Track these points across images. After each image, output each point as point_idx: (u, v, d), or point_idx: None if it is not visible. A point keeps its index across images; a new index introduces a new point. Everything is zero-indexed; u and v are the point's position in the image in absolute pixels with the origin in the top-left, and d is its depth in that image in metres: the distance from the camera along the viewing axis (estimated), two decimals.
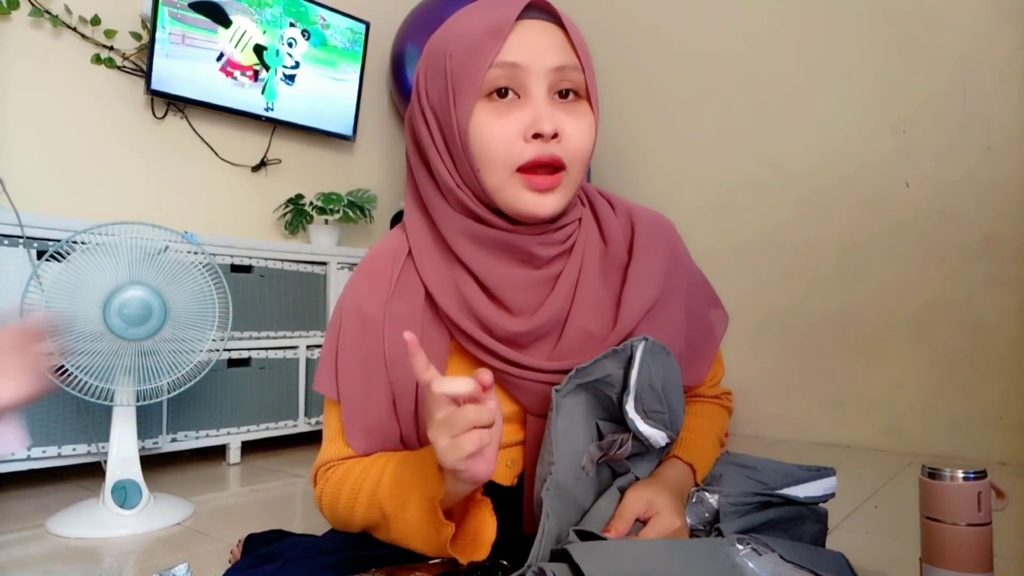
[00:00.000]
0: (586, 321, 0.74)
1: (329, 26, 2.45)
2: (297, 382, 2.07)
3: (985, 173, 1.95)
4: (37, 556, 1.22)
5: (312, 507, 1.57)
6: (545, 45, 0.68)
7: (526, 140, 0.67)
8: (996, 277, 1.92)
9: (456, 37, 0.69)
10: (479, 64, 0.66)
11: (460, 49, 0.68)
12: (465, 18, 0.70)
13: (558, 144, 0.68)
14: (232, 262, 1.92)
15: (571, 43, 0.70)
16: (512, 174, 0.68)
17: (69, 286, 1.32)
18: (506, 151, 0.67)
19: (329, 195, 2.36)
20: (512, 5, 0.68)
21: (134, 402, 1.41)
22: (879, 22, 2.13)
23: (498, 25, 0.67)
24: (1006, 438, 1.87)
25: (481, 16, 0.69)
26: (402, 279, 0.76)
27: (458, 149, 0.69)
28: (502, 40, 0.66)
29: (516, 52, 0.67)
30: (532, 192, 0.68)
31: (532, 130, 0.66)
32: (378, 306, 0.75)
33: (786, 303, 2.26)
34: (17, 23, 1.88)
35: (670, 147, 2.56)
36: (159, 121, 2.17)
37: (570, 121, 0.69)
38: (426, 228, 0.76)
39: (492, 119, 0.67)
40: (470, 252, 0.72)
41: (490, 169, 0.68)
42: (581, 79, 0.70)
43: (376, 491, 0.72)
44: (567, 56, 0.69)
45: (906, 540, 0.87)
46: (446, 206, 0.73)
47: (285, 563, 0.74)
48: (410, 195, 0.78)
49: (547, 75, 0.68)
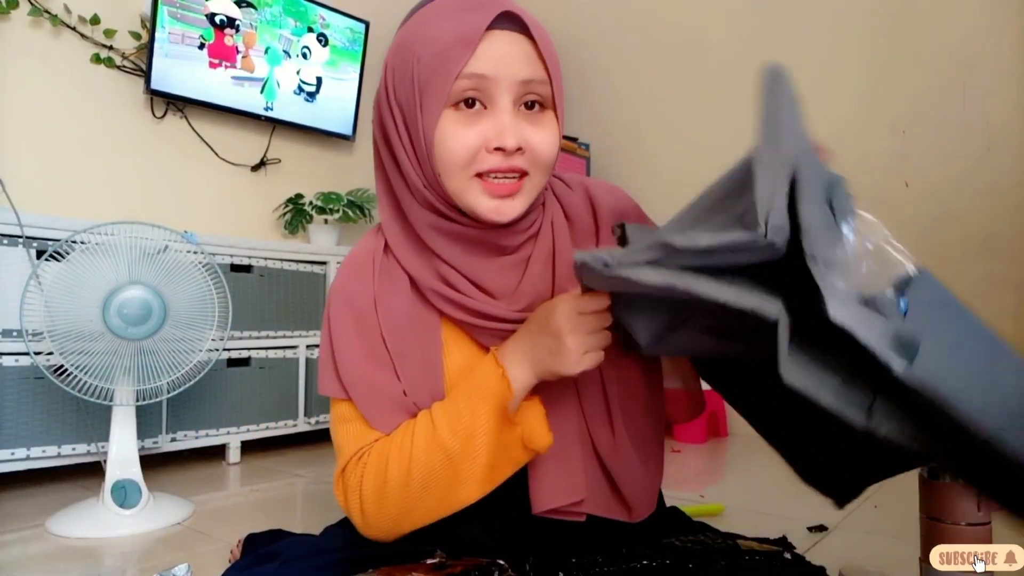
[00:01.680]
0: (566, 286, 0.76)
1: (329, 26, 2.45)
2: (297, 382, 2.06)
3: (985, 173, 1.94)
4: (37, 556, 1.22)
5: (312, 507, 1.57)
6: (514, 57, 0.68)
7: (488, 151, 0.69)
8: (996, 277, 1.92)
9: (425, 42, 0.69)
10: (447, 73, 0.67)
11: (429, 55, 0.68)
12: (435, 21, 0.70)
13: (521, 156, 0.70)
14: (232, 262, 1.92)
15: (540, 55, 0.70)
16: (471, 178, 0.70)
17: (69, 286, 1.32)
18: (467, 159, 0.69)
19: (329, 195, 2.36)
20: (482, 13, 0.68)
21: (134, 402, 1.41)
22: (879, 22, 2.12)
23: (468, 34, 0.67)
24: None
25: (451, 22, 0.69)
26: (384, 273, 0.78)
27: (423, 152, 0.71)
28: (471, 50, 0.67)
29: (484, 64, 0.67)
30: (491, 198, 0.70)
31: (495, 143, 0.68)
32: (367, 301, 0.77)
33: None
34: (17, 23, 1.88)
35: (670, 148, 2.56)
36: (159, 121, 2.17)
37: (535, 132, 0.70)
38: (399, 219, 0.78)
39: (458, 127, 0.69)
40: (440, 243, 0.75)
41: (451, 173, 0.70)
42: (548, 91, 0.71)
43: (433, 435, 0.70)
44: (535, 69, 0.70)
45: (906, 540, 0.87)
46: (414, 201, 0.75)
47: (284, 563, 0.74)
48: (380, 185, 0.79)
49: (514, 87, 0.69)
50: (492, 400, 0.70)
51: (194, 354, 1.43)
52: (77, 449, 1.61)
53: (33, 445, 1.55)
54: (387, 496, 0.72)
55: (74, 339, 1.32)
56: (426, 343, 0.77)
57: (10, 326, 1.52)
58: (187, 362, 1.42)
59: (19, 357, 1.53)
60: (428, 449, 0.70)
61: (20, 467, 1.54)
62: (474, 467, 0.70)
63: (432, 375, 0.76)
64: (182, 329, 1.41)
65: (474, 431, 0.70)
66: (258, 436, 1.97)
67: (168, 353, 1.40)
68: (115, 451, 1.40)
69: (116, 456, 1.40)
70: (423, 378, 0.76)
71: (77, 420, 1.59)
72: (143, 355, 1.38)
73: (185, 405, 1.79)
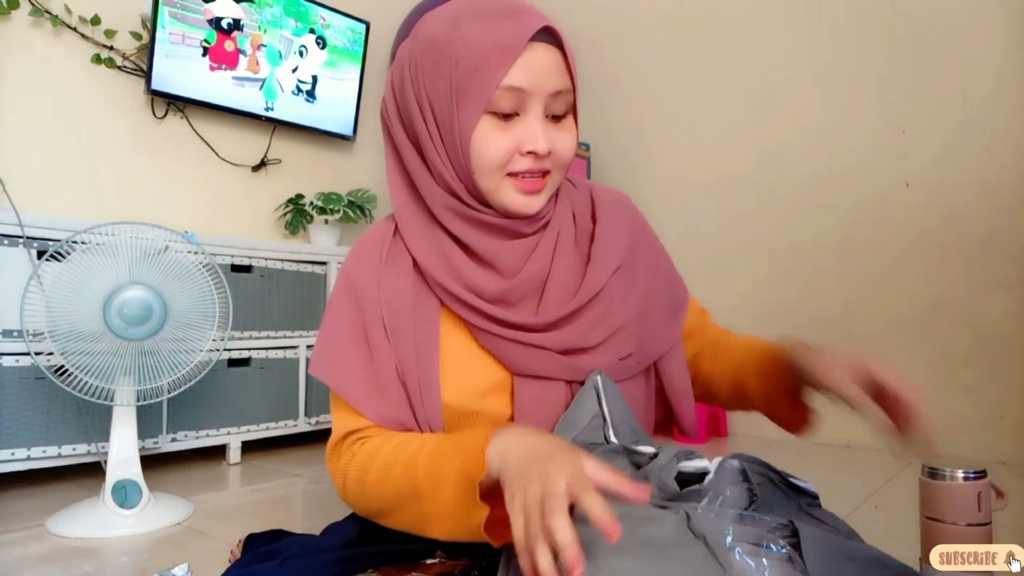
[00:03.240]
0: (563, 278, 0.80)
1: (329, 26, 2.45)
2: (297, 382, 2.06)
3: (985, 173, 1.95)
4: (37, 556, 1.22)
5: (312, 507, 1.57)
6: (548, 71, 0.72)
7: (521, 154, 0.74)
8: (996, 277, 1.92)
9: (463, 45, 0.72)
10: (488, 82, 0.70)
11: (467, 59, 0.71)
12: (472, 24, 0.72)
13: (548, 160, 0.75)
14: (232, 262, 1.92)
15: (567, 67, 0.75)
16: (504, 178, 0.75)
17: (69, 286, 1.32)
18: (503, 162, 0.74)
19: (329, 195, 2.36)
20: (522, 24, 0.71)
21: (134, 402, 1.41)
22: (880, 23, 2.13)
23: (509, 45, 0.70)
24: (1006, 438, 1.87)
25: (490, 29, 0.71)
26: (391, 254, 0.81)
27: (456, 150, 0.75)
28: (512, 60, 0.70)
29: (523, 77, 0.71)
30: (521, 194, 0.75)
31: (528, 147, 0.73)
32: (370, 279, 0.79)
33: (786, 303, 2.26)
34: (17, 23, 1.88)
35: (671, 148, 2.56)
36: (159, 121, 2.17)
37: (560, 136, 0.76)
38: (411, 200, 0.81)
39: (495, 133, 0.73)
40: (456, 224, 0.78)
41: (485, 174, 0.74)
42: (572, 100, 0.77)
43: (413, 465, 0.70)
44: (564, 81, 0.74)
45: (906, 540, 0.87)
46: (432, 182, 0.78)
47: (284, 560, 0.74)
48: (393, 166, 0.82)
49: (545, 98, 0.73)
50: (463, 469, 0.66)
51: (194, 354, 1.43)
52: (77, 449, 1.61)
53: (33, 445, 1.55)
54: (366, 492, 0.74)
55: (75, 339, 1.32)
56: (423, 323, 0.78)
57: (10, 326, 1.52)
58: (187, 362, 1.42)
59: (20, 357, 1.53)
60: (404, 474, 0.71)
61: (20, 467, 1.54)
62: (436, 514, 0.68)
63: (424, 354, 0.77)
64: (182, 329, 1.41)
65: (442, 480, 0.67)
66: (258, 436, 1.97)
67: (169, 353, 1.40)
68: (115, 451, 1.40)
69: (116, 456, 1.40)
70: (415, 356, 0.77)
71: (77, 420, 1.59)
72: (144, 355, 1.38)
73: (185, 405, 1.79)
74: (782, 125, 2.30)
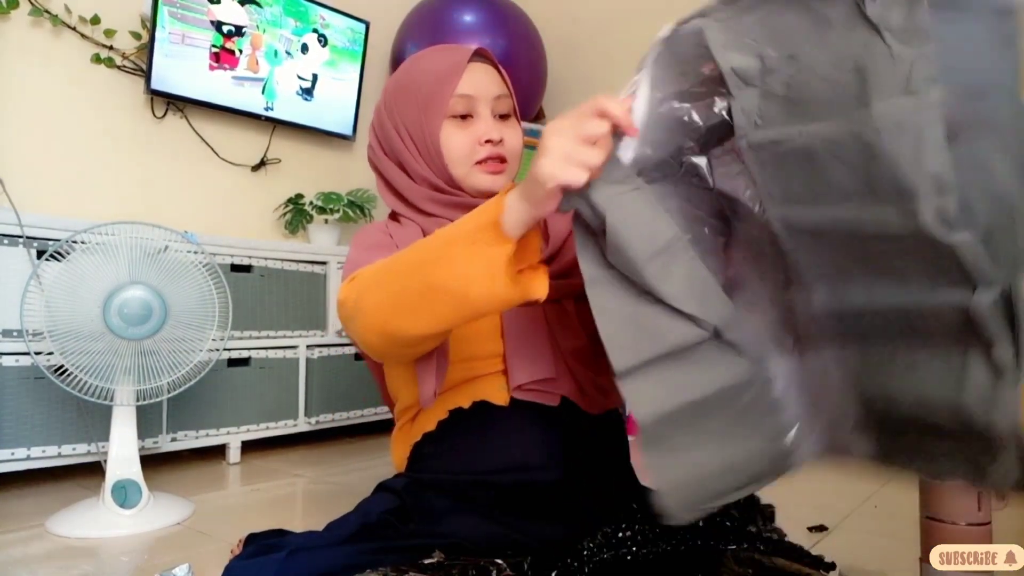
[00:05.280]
0: None
1: (329, 26, 2.45)
2: (297, 382, 2.07)
3: None
4: (37, 556, 1.22)
5: (312, 507, 1.58)
6: (486, 80, 0.96)
7: (480, 144, 0.95)
8: None
9: (422, 73, 0.97)
10: (445, 94, 0.94)
11: (428, 82, 0.96)
12: (427, 60, 0.99)
13: (502, 146, 0.97)
14: (232, 262, 1.92)
15: (502, 79, 0.99)
16: (472, 166, 0.96)
17: (69, 286, 1.32)
18: (468, 152, 0.95)
19: (329, 195, 2.37)
20: (464, 52, 0.96)
21: (134, 402, 1.41)
22: None
23: (456, 65, 0.95)
24: None
25: (440, 59, 0.97)
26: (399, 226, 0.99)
27: (429, 152, 0.96)
28: (459, 75, 0.94)
29: (470, 86, 0.95)
30: (488, 175, 0.96)
31: (484, 137, 0.95)
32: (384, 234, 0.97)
33: None
34: (17, 23, 1.88)
35: None
36: (159, 121, 2.17)
37: (507, 131, 0.98)
38: (402, 204, 1.01)
39: (456, 132, 0.95)
40: (439, 208, 0.97)
41: (458, 164, 0.95)
42: (511, 103, 1.00)
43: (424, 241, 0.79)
44: (501, 87, 0.98)
45: (906, 540, 0.87)
46: (415, 185, 0.98)
47: (291, 553, 0.74)
48: (382, 186, 1.04)
49: (490, 102, 0.96)
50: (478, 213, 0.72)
51: (194, 354, 1.43)
52: (77, 449, 1.61)
53: (33, 445, 1.55)
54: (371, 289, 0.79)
55: (74, 339, 1.32)
56: None
57: (10, 326, 1.52)
58: (187, 362, 1.42)
59: (19, 357, 1.53)
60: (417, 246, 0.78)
61: (20, 467, 1.54)
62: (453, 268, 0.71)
63: None
64: (182, 329, 1.41)
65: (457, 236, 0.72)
66: (258, 436, 1.97)
67: (168, 353, 1.40)
68: (115, 451, 1.40)
69: (116, 456, 1.40)
70: None
71: (77, 420, 1.59)
72: (143, 355, 1.38)
73: (185, 405, 1.79)
74: None
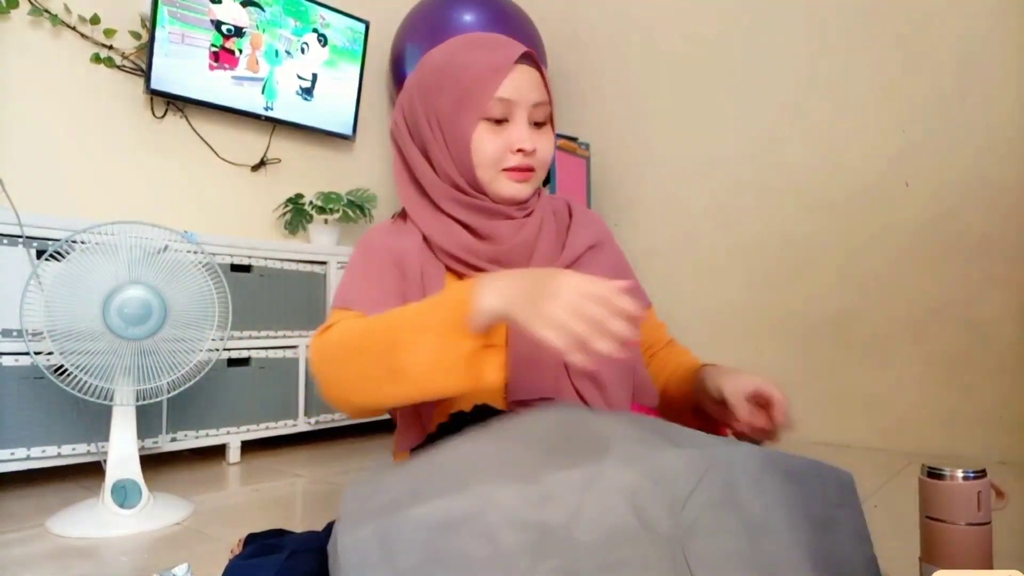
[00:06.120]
0: (547, 250, 0.96)
1: (329, 26, 2.45)
2: (297, 382, 2.06)
3: (985, 173, 1.95)
4: (37, 556, 1.22)
5: (312, 507, 1.58)
6: (529, 86, 0.91)
7: (511, 152, 0.91)
8: (996, 277, 1.92)
9: (463, 67, 0.90)
10: (484, 94, 0.89)
11: (466, 78, 0.89)
12: (468, 53, 0.91)
13: (533, 156, 0.92)
14: (232, 262, 1.92)
15: (545, 84, 0.93)
16: (499, 172, 0.92)
17: (69, 286, 1.32)
18: (498, 158, 0.91)
19: (329, 195, 2.36)
20: (510, 52, 0.90)
21: (134, 401, 1.41)
22: (880, 22, 2.13)
23: (499, 65, 0.89)
24: (1006, 438, 1.87)
25: (484, 55, 0.91)
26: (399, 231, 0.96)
27: (458, 149, 0.91)
28: (502, 78, 0.88)
29: (510, 90, 0.89)
30: (513, 182, 0.92)
31: (517, 146, 0.90)
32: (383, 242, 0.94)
33: (786, 303, 2.26)
34: (17, 22, 1.88)
35: (671, 148, 2.56)
36: (159, 120, 2.17)
37: (540, 140, 0.93)
38: (417, 195, 0.97)
39: (490, 135, 0.90)
40: (457, 209, 0.93)
41: (484, 168, 0.91)
42: (549, 111, 0.95)
43: (395, 320, 0.77)
44: (542, 95, 0.92)
45: (906, 540, 0.87)
46: (437, 179, 0.94)
47: (292, 554, 0.74)
48: (399, 169, 0.98)
49: (528, 108, 0.91)
50: (450, 305, 0.73)
51: (194, 354, 1.43)
52: (77, 449, 1.61)
53: (33, 445, 1.55)
54: (340, 359, 0.79)
55: (74, 339, 1.32)
56: (429, 278, 0.91)
57: (10, 326, 1.52)
58: (187, 362, 1.42)
59: (19, 357, 1.53)
60: (388, 325, 0.77)
61: (20, 467, 1.54)
62: (418, 355, 0.72)
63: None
64: (182, 329, 1.41)
65: (424, 326, 0.73)
66: (258, 436, 1.97)
67: (168, 353, 1.40)
68: (115, 451, 1.40)
69: (116, 456, 1.40)
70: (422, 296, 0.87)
71: (77, 420, 1.59)
72: (143, 355, 1.38)
73: (185, 405, 1.79)
74: (782, 125, 2.30)
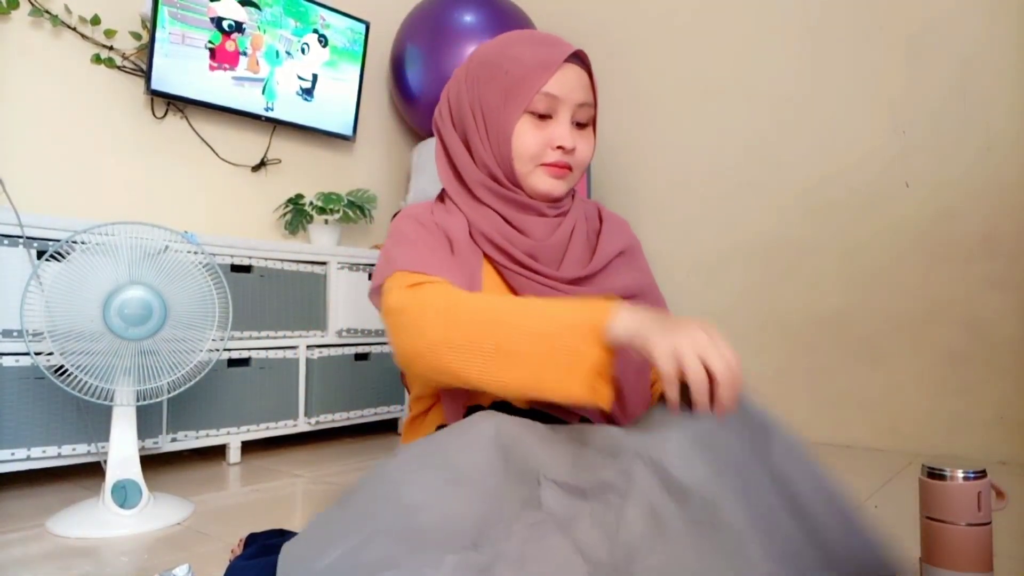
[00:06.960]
0: (578, 251, 0.98)
1: (329, 26, 2.45)
2: (297, 382, 2.07)
3: (985, 173, 1.95)
4: (37, 556, 1.22)
5: (312, 507, 1.57)
6: (576, 86, 0.92)
7: (551, 148, 0.92)
8: (996, 277, 1.92)
9: (513, 60, 0.92)
10: (530, 88, 0.90)
11: (516, 70, 0.91)
12: (520, 47, 0.93)
13: (572, 155, 0.94)
14: (232, 262, 1.92)
15: (592, 87, 0.95)
16: (537, 166, 0.93)
17: (69, 286, 1.32)
18: (537, 152, 0.92)
19: (329, 195, 2.36)
20: (561, 50, 0.91)
21: (134, 402, 1.41)
22: (879, 23, 2.13)
23: (549, 62, 0.90)
24: (1006, 438, 1.87)
25: (534, 50, 0.92)
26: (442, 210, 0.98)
27: (498, 140, 0.93)
28: (551, 74, 0.90)
29: (557, 87, 0.90)
30: (550, 178, 0.94)
31: (558, 143, 0.91)
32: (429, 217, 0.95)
33: (786, 303, 2.26)
34: (17, 23, 1.88)
35: (671, 148, 2.56)
36: (159, 121, 2.17)
37: (581, 140, 0.95)
38: (456, 182, 0.99)
39: (532, 129, 0.92)
40: (492, 199, 0.95)
41: (523, 161, 0.92)
42: (593, 113, 0.96)
43: (520, 301, 0.79)
44: (588, 95, 0.94)
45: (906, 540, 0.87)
46: (475, 167, 0.96)
47: None
48: (441, 155, 1.01)
49: (573, 107, 0.92)
50: (590, 310, 0.75)
51: (194, 354, 1.43)
52: (77, 449, 1.61)
53: (33, 445, 1.55)
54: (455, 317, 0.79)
55: (74, 339, 1.32)
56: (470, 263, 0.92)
57: (10, 326, 1.52)
58: (187, 362, 1.42)
59: (19, 357, 1.53)
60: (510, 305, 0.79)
61: (20, 467, 1.54)
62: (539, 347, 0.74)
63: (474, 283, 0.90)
64: (182, 329, 1.41)
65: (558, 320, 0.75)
66: (258, 436, 1.97)
67: (168, 353, 1.40)
68: (115, 451, 1.40)
69: (116, 456, 1.40)
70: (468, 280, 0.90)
71: (77, 420, 1.59)
72: (143, 355, 1.38)
73: (185, 405, 1.79)
74: (782, 125, 2.30)
